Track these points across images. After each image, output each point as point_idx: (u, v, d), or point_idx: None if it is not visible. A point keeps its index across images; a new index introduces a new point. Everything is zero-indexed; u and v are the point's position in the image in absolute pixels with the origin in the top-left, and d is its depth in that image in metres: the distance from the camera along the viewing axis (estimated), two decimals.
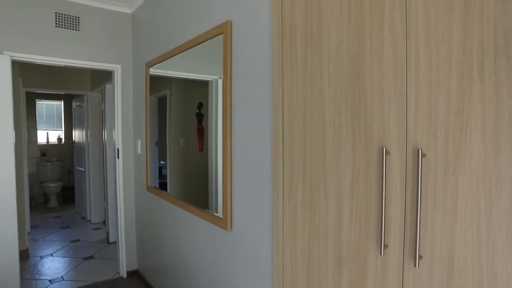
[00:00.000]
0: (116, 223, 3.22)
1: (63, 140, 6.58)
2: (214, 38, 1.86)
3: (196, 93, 2.28)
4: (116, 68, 3.06)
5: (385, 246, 0.98)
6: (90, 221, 4.98)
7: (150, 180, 2.81)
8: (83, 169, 5.02)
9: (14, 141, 2.57)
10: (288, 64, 1.33)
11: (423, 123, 0.89)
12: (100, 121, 4.75)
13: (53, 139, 6.50)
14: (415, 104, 0.90)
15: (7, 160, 2.50)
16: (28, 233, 3.92)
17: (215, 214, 1.85)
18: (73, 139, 5.80)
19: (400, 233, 0.94)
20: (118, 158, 3.12)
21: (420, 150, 0.86)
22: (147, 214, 2.95)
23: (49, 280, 3.14)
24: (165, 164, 2.68)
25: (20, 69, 3.97)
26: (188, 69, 2.34)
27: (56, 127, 6.57)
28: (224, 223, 1.72)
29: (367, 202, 1.04)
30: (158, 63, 2.59)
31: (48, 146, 6.40)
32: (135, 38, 3.08)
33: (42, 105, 6.39)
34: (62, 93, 5.76)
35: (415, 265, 0.88)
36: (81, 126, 5.15)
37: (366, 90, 1.04)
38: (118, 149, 3.11)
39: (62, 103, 6.57)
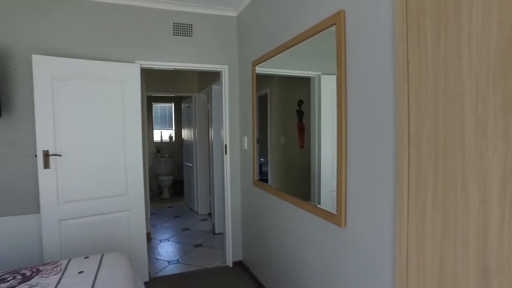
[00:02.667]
0: (223, 216, 3.44)
1: (173, 138, 7.38)
2: (321, 32, 1.81)
3: (296, 91, 2.27)
4: (224, 69, 3.26)
5: None
6: (197, 212, 5.44)
7: (256, 174, 2.91)
8: (191, 165, 5.51)
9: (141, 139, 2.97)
10: (414, 49, 1.21)
11: None
12: (206, 120, 5.13)
13: (165, 137, 7.35)
14: None
15: (138, 155, 2.90)
16: (149, 219, 4.48)
17: (325, 209, 1.81)
18: (182, 137, 6.45)
19: None
20: (226, 153, 3.32)
21: None
22: (253, 207, 3.08)
23: (168, 261, 3.54)
24: (265, 161, 2.75)
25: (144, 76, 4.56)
26: (289, 66, 2.35)
27: (168, 126, 7.42)
28: (337, 219, 1.67)
29: None
30: (263, 61, 2.65)
31: (161, 143, 7.26)
32: (240, 39, 3.23)
33: (157, 107, 7.28)
34: (173, 95, 6.45)
35: None
36: (189, 125, 5.66)
37: None
38: (225, 145, 3.32)
39: (173, 105, 7.36)
